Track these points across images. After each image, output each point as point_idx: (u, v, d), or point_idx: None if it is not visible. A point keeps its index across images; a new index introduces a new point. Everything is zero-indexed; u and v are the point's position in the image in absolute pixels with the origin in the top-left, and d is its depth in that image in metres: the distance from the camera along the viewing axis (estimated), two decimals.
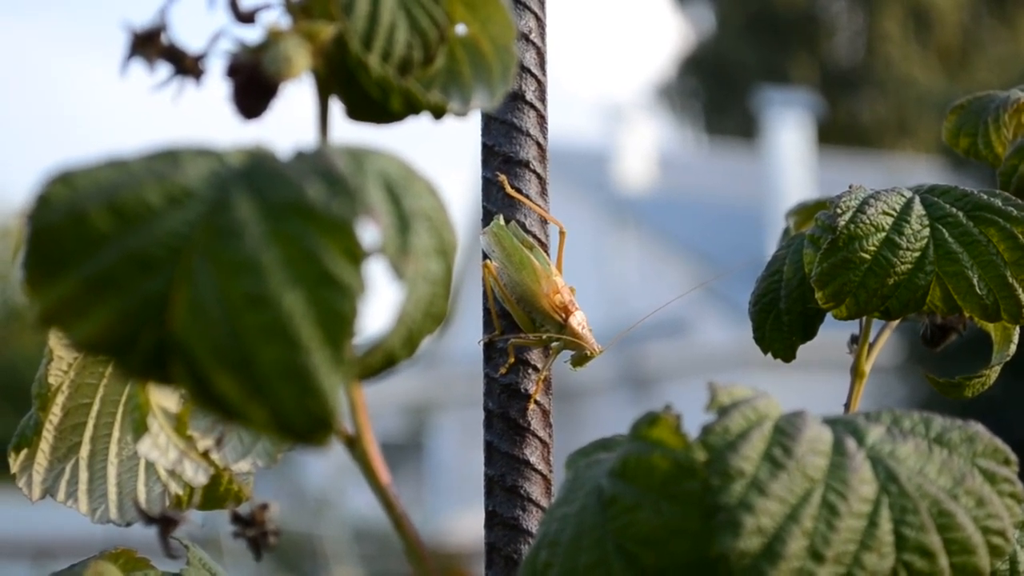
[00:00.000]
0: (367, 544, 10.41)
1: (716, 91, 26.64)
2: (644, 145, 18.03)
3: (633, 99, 29.10)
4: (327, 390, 0.53)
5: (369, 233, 0.55)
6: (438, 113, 0.65)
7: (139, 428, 0.78)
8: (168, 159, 0.56)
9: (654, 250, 15.68)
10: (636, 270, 15.53)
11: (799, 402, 0.75)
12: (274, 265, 0.53)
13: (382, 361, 0.58)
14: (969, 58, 24.60)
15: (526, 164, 0.88)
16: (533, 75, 0.89)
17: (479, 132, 0.89)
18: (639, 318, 1.07)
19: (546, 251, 0.91)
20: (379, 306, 0.59)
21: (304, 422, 0.53)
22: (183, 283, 0.53)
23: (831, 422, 0.67)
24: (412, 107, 0.64)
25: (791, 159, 16.64)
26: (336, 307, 0.53)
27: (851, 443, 0.65)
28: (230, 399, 0.53)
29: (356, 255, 0.53)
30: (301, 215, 0.54)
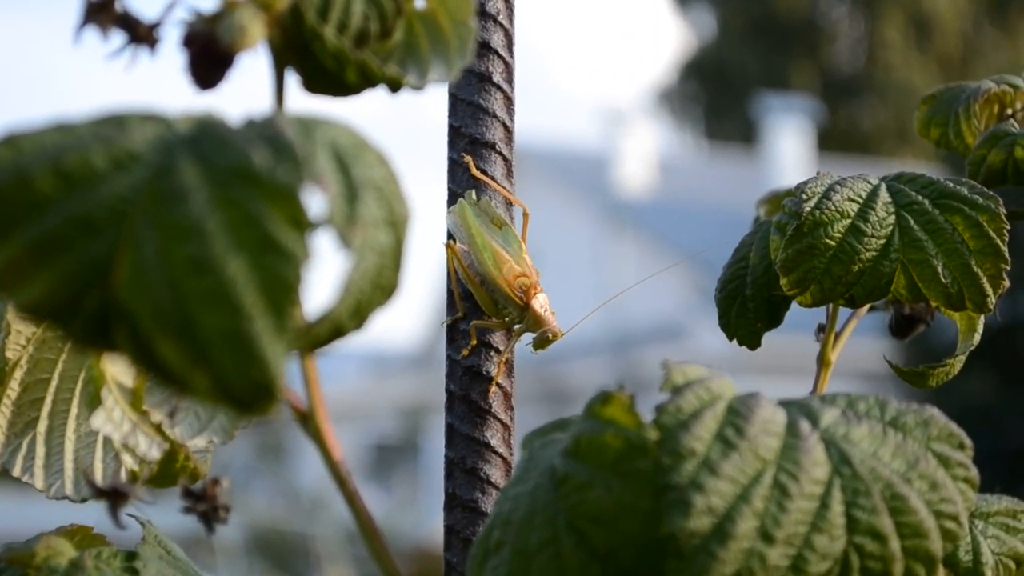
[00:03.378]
0: (360, 545, 10.40)
1: (716, 96, 26.64)
2: (644, 149, 18.05)
3: (633, 103, 29.12)
4: (270, 357, 0.53)
5: (318, 202, 0.55)
6: (394, 86, 0.65)
7: (93, 401, 0.78)
8: (115, 123, 0.56)
9: (652, 254, 15.69)
10: (634, 274, 15.52)
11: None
12: (218, 230, 0.53)
13: (329, 331, 0.58)
14: (969, 66, 24.59)
15: (492, 146, 0.88)
16: (500, 57, 0.88)
17: (445, 113, 0.89)
18: (636, 321, 1.08)
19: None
20: (330, 279, 0.58)
21: (246, 390, 0.53)
22: (127, 247, 0.53)
23: (785, 404, 0.67)
24: (368, 80, 0.64)
25: (791, 165, 16.66)
26: (279, 273, 0.53)
27: (805, 425, 0.65)
28: (172, 365, 0.53)
29: (301, 222, 0.53)
30: (246, 181, 0.53)
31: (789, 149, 16.89)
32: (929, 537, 0.65)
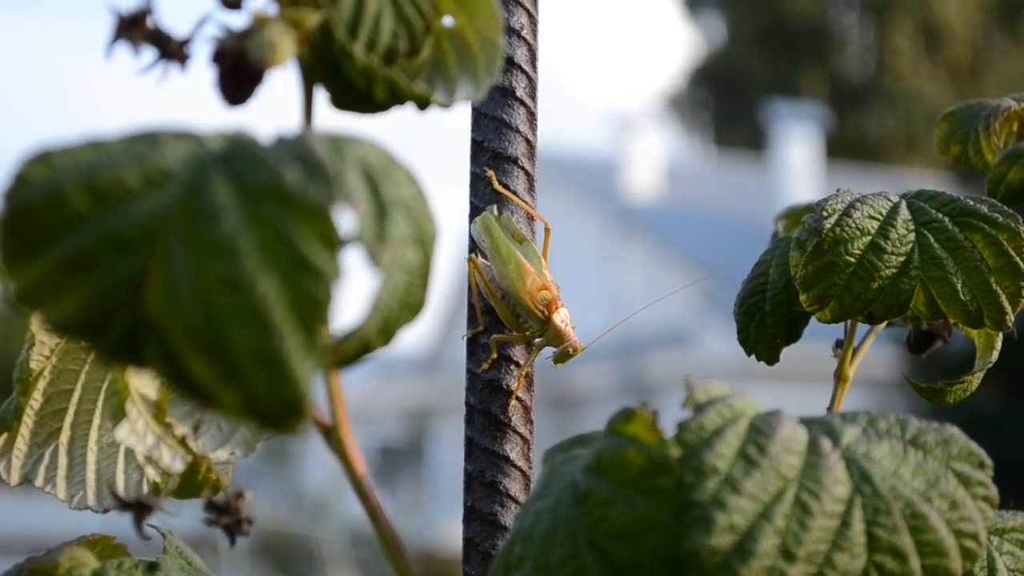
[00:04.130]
0: (364, 548, 10.41)
1: (725, 103, 26.64)
2: (652, 155, 18.03)
3: (642, 109, 29.12)
4: (299, 375, 0.53)
5: (347, 220, 0.56)
6: (422, 104, 0.65)
7: (117, 414, 0.78)
8: (148, 141, 0.56)
9: (660, 260, 15.68)
10: (641, 280, 15.52)
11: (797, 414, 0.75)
12: (250, 249, 0.53)
13: (357, 349, 0.58)
14: (979, 74, 24.59)
15: (514, 160, 0.89)
16: (524, 71, 0.89)
17: (468, 127, 0.90)
18: (642, 326, 1.08)
19: None
20: (358, 295, 0.59)
21: (276, 407, 0.53)
22: (159, 265, 0.53)
23: (807, 422, 0.67)
24: (396, 97, 0.64)
25: (799, 172, 16.65)
26: (310, 292, 0.53)
27: (826, 443, 0.65)
28: (203, 382, 0.53)
29: (332, 240, 0.54)
30: (278, 199, 0.54)
31: (798, 156, 16.87)
32: (949, 555, 0.65)
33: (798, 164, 16.77)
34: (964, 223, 0.86)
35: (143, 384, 0.78)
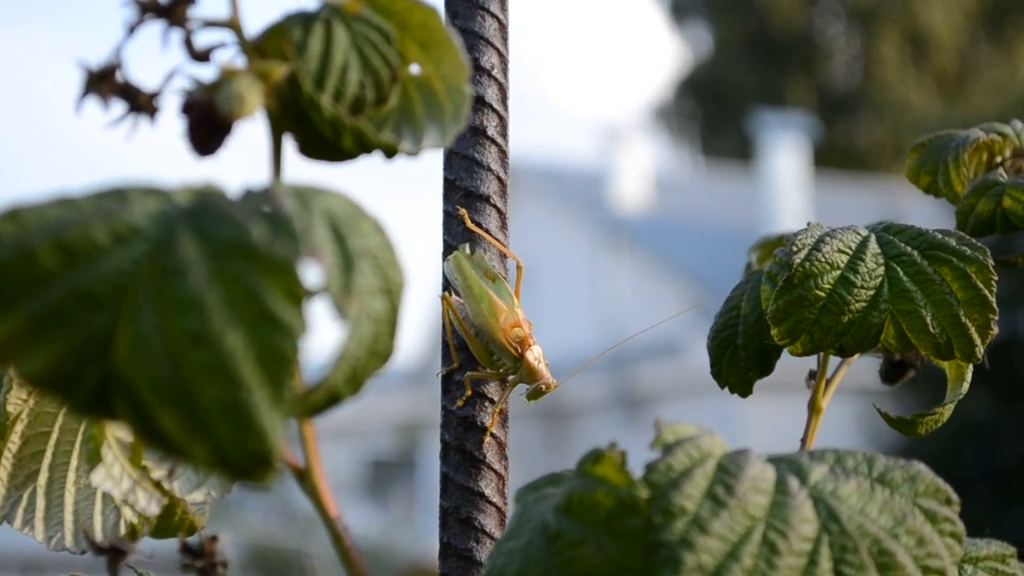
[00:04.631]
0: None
1: (713, 113, 26.67)
2: (640, 166, 18.06)
3: (630, 120, 29.12)
4: (267, 428, 0.54)
5: (314, 272, 0.56)
6: (389, 152, 0.66)
7: (93, 458, 0.79)
8: (116, 197, 0.57)
9: (649, 271, 15.69)
10: (631, 291, 15.53)
11: (788, 424, 0.76)
12: (217, 304, 0.54)
13: (325, 399, 0.59)
14: (966, 83, 24.64)
15: (487, 199, 0.89)
16: (495, 110, 0.89)
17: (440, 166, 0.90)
18: (632, 339, 1.08)
19: None
20: (331, 341, 0.60)
21: (244, 459, 0.54)
22: (128, 320, 0.54)
23: (775, 460, 0.68)
24: (364, 146, 0.65)
25: (787, 182, 16.66)
26: (276, 346, 0.54)
27: (793, 482, 0.66)
28: (172, 436, 0.54)
29: (298, 295, 0.54)
30: (244, 255, 0.55)
31: (785, 166, 16.89)
32: None
33: (786, 174, 16.79)
34: (933, 256, 0.87)
35: (117, 427, 0.79)
